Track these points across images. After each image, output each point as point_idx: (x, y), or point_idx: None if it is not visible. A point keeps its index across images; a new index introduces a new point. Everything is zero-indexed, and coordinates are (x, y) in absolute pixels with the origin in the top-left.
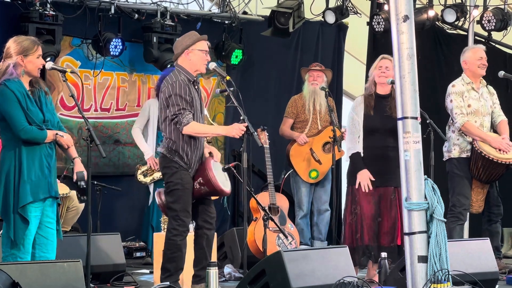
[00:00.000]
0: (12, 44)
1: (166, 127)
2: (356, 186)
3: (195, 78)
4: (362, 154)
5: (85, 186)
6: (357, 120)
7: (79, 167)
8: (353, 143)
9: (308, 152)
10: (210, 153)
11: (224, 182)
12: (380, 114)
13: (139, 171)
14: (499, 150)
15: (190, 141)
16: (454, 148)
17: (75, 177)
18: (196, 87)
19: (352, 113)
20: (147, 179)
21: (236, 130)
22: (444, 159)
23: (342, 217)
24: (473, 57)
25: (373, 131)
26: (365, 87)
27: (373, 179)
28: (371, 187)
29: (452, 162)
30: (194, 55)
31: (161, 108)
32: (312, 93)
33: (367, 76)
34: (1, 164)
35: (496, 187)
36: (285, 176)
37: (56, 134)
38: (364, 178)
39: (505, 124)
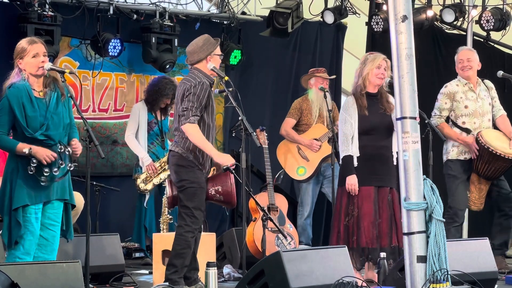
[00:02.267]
0: (15, 49)
1: None
2: (348, 190)
3: (213, 81)
4: (356, 156)
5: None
6: (349, 121)
7: None
8: (345, 145)
9: (295, 149)
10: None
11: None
12: (376, 112)
13: (139, 180)
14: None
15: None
16: (453, 149)
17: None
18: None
19: (344, 114)
20: (148, 186)
21: (227, 159)
22: (444, 161)
23: (332, 218)
24: (456, 59)
25: (370, 131)
26: (356, 84)
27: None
28: (356, 193)
29: (447, 164)
30: (214, 60)
31: (178, 108)
32: (320, 99)
33: None
34: (6, 165)
35: (505, 180)
36: (277, 176)
37: (30, 149)
38: (353, 183)
39: (505, 119)
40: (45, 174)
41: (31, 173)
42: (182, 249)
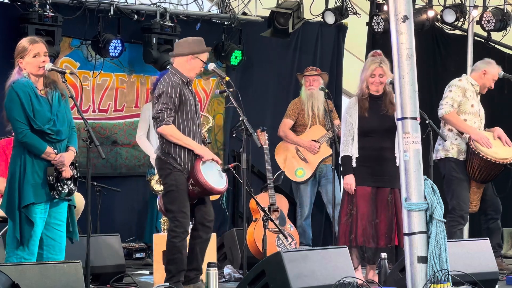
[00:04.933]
0: (16, 48)
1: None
2: (345, 189)
3: (188, 79)
4: (355, 157)
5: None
6: (350, 122)
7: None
8: (345, 145)
9: (293, 150)
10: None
11: (217, 181)
12: (376, 114)
13: (153, 181)
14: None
15: None
16: (452, 147)
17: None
18: (190, 88)
19: (346, 115)
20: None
21: (209, 154)
22: (437, 158)
23: (337, 217)
24: (494, 74)
25: (369, 132)
26: (359, 88)
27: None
28: (353, 192)
29: (450, 165)
30: (196, 62)
31: (153, 107)
32: (310, 98)
33: None
34: (10, 163)
35: (492, 184)
36: (276, 176)
37: (54, 154)
38: (349, 182)
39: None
40: (61, 188)
41: (52, 182)
42: (172, 254)
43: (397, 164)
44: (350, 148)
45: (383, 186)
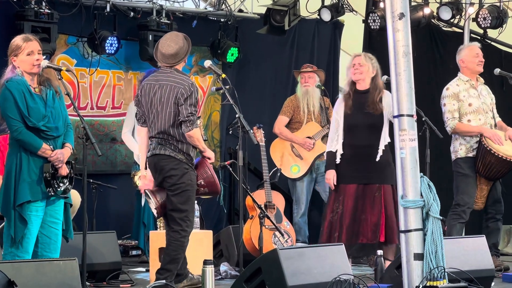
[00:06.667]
0: (9, 45)
1: (179, 128)
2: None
3: None
4: (339, 153)
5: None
6: (336, 119)
7: None
8: (331, 141)
9: (288, 147)
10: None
11: None
12: (360, 111)
13: (136, 177)
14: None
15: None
16: (461, 148)
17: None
18: None
19: (333, 112)
20: None
21: (212, 156)
22: (452, 160)
23: (323, 214)
24: (470, 54)
25: (353, 128)
26: (345, 86)
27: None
28: (333, 187)
29: (457, 162)
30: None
31: (170, 112)
32: (305, 95)
33: None
34: (6, 161)
35: (500, 183)
36: (272, 173)
37: (50, 151)
38: (329, 177)
39: (502, 124)
40: (57, 186)
41: (48, 178)
42: (178, 254)
43: (377, 160)
44: (335, 144)
45: (370, 183)
